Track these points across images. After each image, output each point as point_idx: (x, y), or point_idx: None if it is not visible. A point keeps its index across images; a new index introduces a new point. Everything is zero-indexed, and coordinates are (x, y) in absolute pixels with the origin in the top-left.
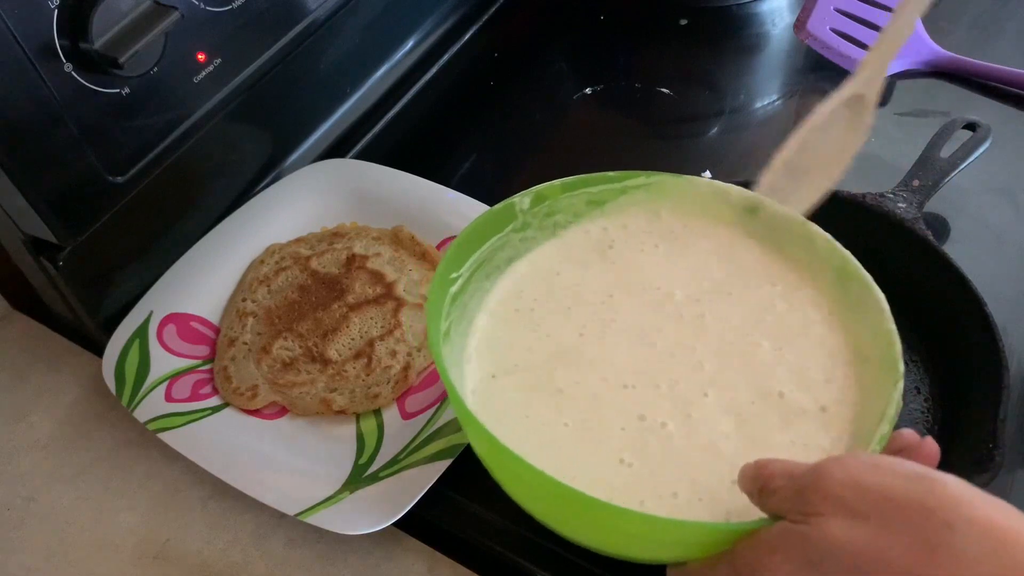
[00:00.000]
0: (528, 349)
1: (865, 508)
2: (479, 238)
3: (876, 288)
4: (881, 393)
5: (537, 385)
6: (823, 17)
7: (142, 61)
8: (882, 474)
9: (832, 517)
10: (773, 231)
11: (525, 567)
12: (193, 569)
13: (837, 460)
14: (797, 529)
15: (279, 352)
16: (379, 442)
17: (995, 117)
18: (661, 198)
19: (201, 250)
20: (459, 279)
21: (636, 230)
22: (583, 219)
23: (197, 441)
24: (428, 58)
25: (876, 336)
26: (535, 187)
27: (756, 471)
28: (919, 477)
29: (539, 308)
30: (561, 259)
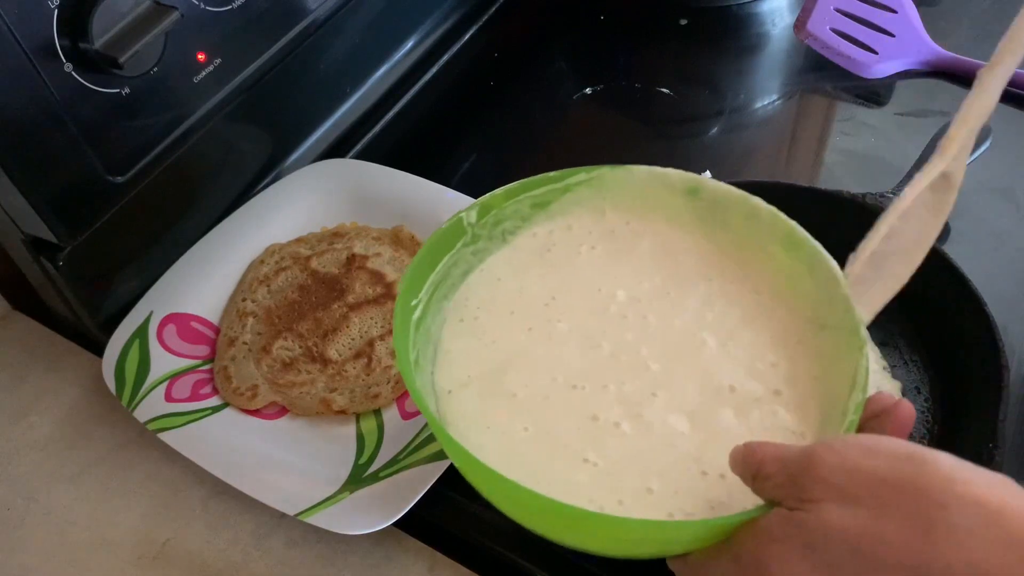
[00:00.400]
0: (478, 359)
1: (859, 492)
2: (432, 259)
3: (826, 254)
4: (847, 360)
5: (491, 393)
6: (823, 17)
7: (142, 61)
8: (874, 457)
9: (827, 503)
10: (716, 211)
11: (525, 567)
12: (193, 569)
13: (827, 445)
14: (794, 516)
15: (279, 352)
16: (379, 442)
17: (995, 117)
18: (604, 192)
19: (201, 250)
20: (419, 305)
21: (579, 230)
22: (531, 223)
23: (197, 441)
24: (428, 58)
25: (832, 303)
26: (479, 199)
27: (746, 455)
28: (910, 457)
29: (483, 316)
30: (504, 264)
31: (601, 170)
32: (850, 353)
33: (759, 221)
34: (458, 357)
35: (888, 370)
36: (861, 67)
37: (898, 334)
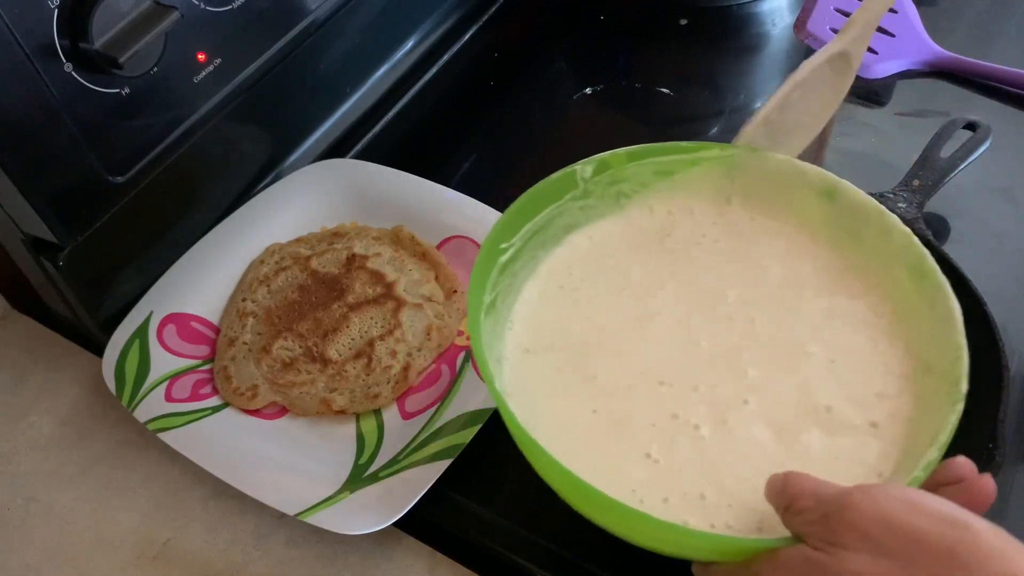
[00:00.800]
0: (566, 329)
1: (891, 547)
2: (535, 207)
3: (950, 293)
4: (938, 411)
5: (570, 367)
6: (823, 17)
7: (142, 61)
8: (915, 513)
9: (854, 552)
10: (847, 221)
11: (525, 567)
12: (193, 569)
13: (867, 492)
14: (817, 557)
15: (279, 352)
16: (379, 442)
17: (995, 117)
18: (734, 175)
19: (201, 250)
20: (511, 248)
21: (702, 217)
22: (649, 191)
23: (197, 441)
24: (428, 58)
25: (942, 347)
26: (598, 155)
27: (784, 486)
28: (954, 523)
29: (585, 288)
30: (619, 240)
31: (737, 150)
32: (944, 406)
33: (891, 241)
34: (548, 322)
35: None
36: (861, 67)
37: None
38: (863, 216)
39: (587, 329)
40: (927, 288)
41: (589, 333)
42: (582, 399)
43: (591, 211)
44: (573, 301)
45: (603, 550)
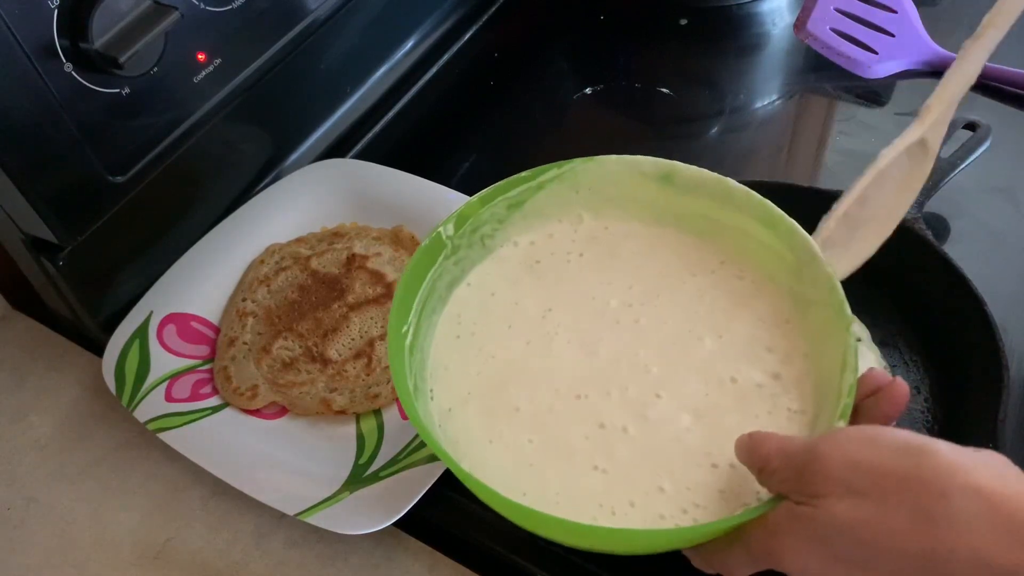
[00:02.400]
0: (477, 374)
1: (864, 486)
2: (417, 281)
3: (802, 232)
4: (835, 339)
5: (493, 408)
6: (823, 17)
7: (142, 61)
8: (877, 450)
9: (833, 497)
10: (690, 197)
11: (525, 567)
12: (193, 569)
13: (830, 440)
14: (802, 511)
15: (279, 352)
16: (379, 442)
17: (995, 117)
18: (578, 186)
19: (201, 250)
20: (409, 329)
21: (561, 238)
22: (508, 225)
23: (197, 441)
24: (428, 58)
25: (815, 281)
26: (455, 210)
27: (750, 447)
28: (912, 450)
29: (479, 331)
30: (495, 278)
31: (572, 163)
32: (838, 332)
33: (733, 201)
34: (456, 374)
35: (888, 370)
36: (861, 67)
37: (898, 334)
38: (703, 188)
39: (493, 367)
40: (782, 233)
41: (496, 370)
42: (514, 433)
43: (464, 263)
44: (471, 346)
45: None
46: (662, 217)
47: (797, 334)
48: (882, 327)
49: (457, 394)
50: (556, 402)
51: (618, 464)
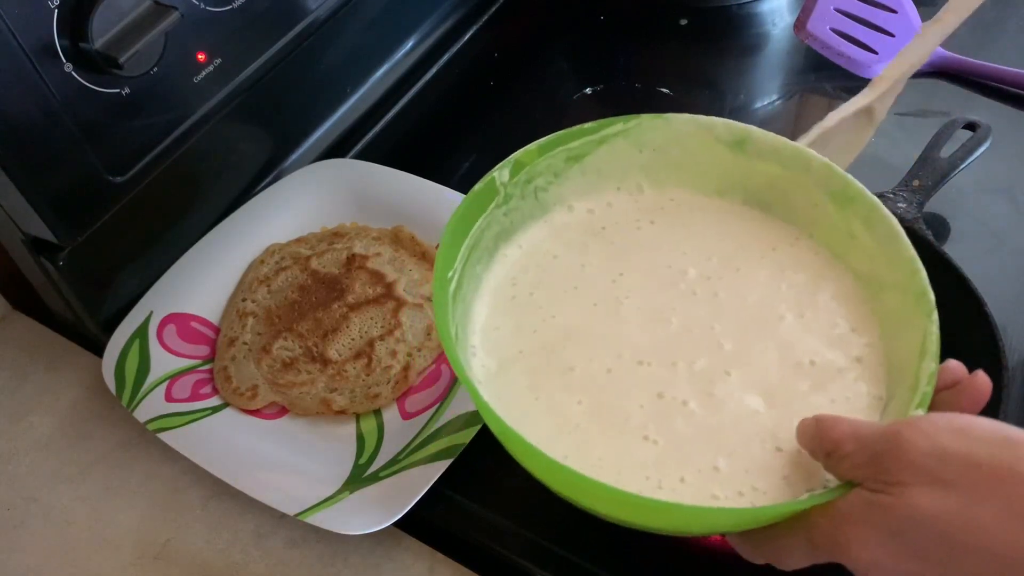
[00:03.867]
0: (533, 331)
1: (951, 476)
2: (466, 225)
3: (885, 210)
4: (912, 323)
5: (544, 366)
6: (823, 17)
7: (142, 61)
8: (966, 439)
9: (916, 487)
10: (763, 166)
11: (525, 567)
12: (193, 569)
13: (915, 426)
14: (878, 499)
15: (279, 352)
16: (379, 442)
17: (995, 117)
18: (642, 144)
19: (201, 250)
20: (455, 275)
21: (622, 207)
22: (563, 181)
23: (197, 441)
24: (428, 58)
25: (894, 262)
26: (512, 155)
27: (818, 431)
28: (1006, 442)
29: (539, 292)
30: (555, 243)
31: (640, 118)
32: (918, 317)
33: (811, 174)
34: (508, 334)
35: None
36: (861, 67)
37: None
38: (777, 157)
39: (552, 327)
40: (859, 211)
41: (555, 330)
42: (564, 394)
43: (514, 215)
44: (531, 305)
45: (603, 550)
46: (728, 188)
47: (874, 316)
48: None
49: (507, 352)
50: (616, 365)
51: (673, 437)
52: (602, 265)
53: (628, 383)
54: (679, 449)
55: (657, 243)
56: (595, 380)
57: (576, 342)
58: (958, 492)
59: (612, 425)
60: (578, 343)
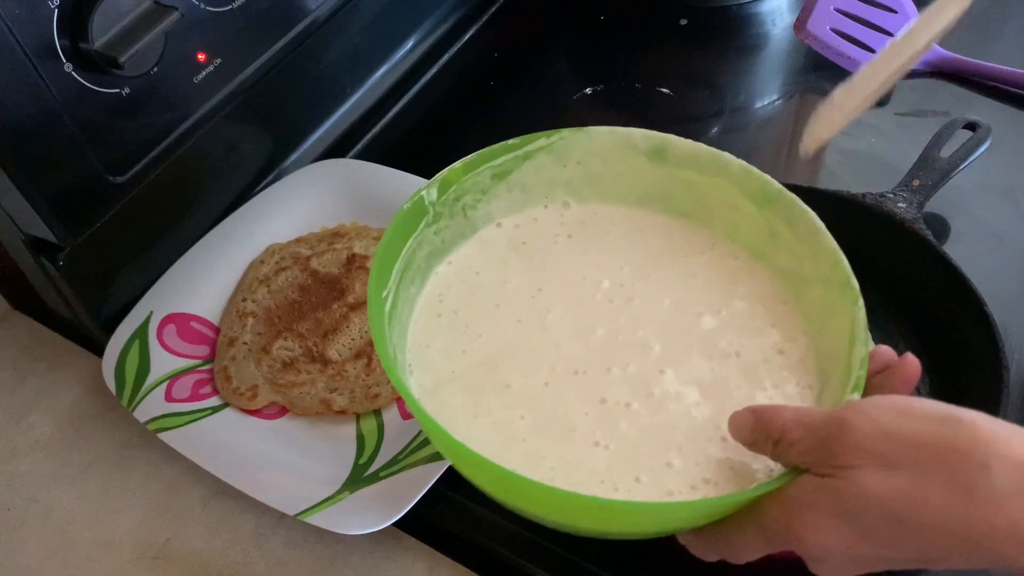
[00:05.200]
0: (463, 352)
1: (896, 457)
2: (398, 245)
3: (804, 206)
4: (841, 314)
5: (481, 385)
6: (823, 17)
7: (142, 61)
8: (910, 420)
9: (863, 469)
10: (683, 174)
11: (525, 567)
12: (193, 569)
13: (859, 409)
14: (827, 483)
15: (279, 352)
16: (379, 442)
17: (995, 117)
18: (565, 159)
19: (201, 250)
20: (389, 295)
21: (547, 222)
22: (491, 198)
23: (197, 441)
24: (428, 58)
25: (816, 256)
26: (438, 175)
27: (759, 422)
28: (947, 419)
29: (463, 310)
30: (479, 259)
31: (561, 133)
32: (844, 307)
33: (730, 178)
34: (439, 352)
35: None
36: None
37: (898, 334)
38: (695, 163)
39: (480, 345)
40: (780, 210)
41: (485, 349)
42: (505, 410)
43: (445, 233)
44: (455, 324)
45: (603, 550)
46: (649, 198)
47: (796, 312)
48: (882, 327)
49: (440, 373)
50: (552, 378)
51: (622, 440)
52: (522, 281)
53: (568, 393)
54: (632, 450)
55: (572, 256)
56: (534, 394)
57: (508, 359)
58: (904, 472)
59: (559, 436)
60: (510, 360)
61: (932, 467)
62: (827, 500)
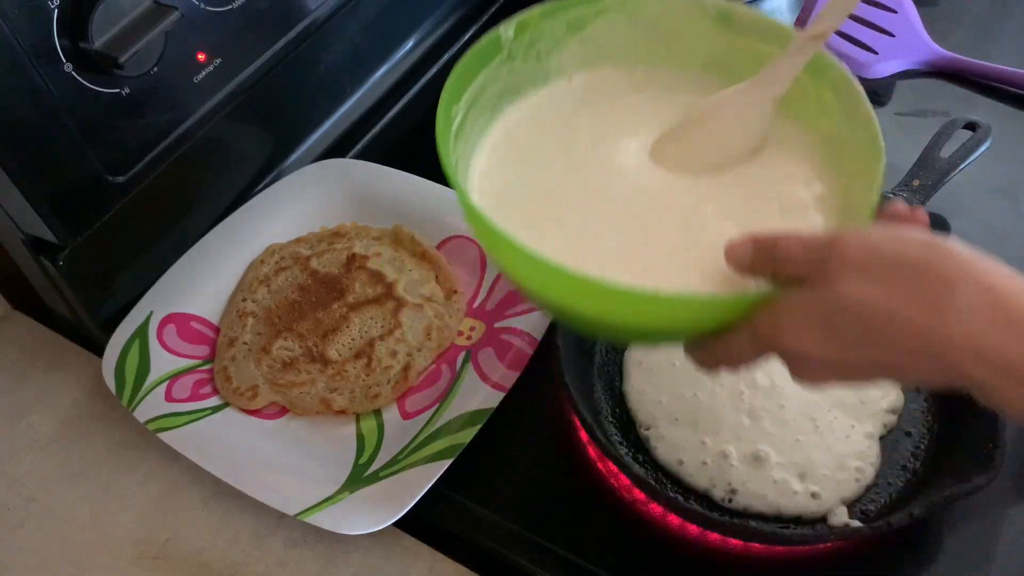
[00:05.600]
0: (521, 184)
1: (879, 270)
2: (472, 70)
3: (851, 77)
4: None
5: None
6: None
7: (142, 61)
8: (896, 242)
9: (845, 279)
10: (745, 38)
11: (525, 567)
12: (193, 569)
13: (853, 231)
14: (814, 292)
15: (279, 352)
16: (379, 442)
17: (995, 117)
18: (636, 18)
19: (201, 250)
20: (459, 115)
21: (616, 80)
22: (563, 48)
23: (197, 441)
24: (428, 58)
25: (854, 119)
26: (515, 16)
27: (758, 243)
28: (929, 243)
29: (527, 150)
30: (548, 106)
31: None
32: (873, 163)
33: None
34: (498, 183)
35: None
36: (861, 67)
37: None
38: (759, 31)
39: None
40: (829, 80)
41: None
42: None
43: (517, 76)
44: (519, 160)
45: (603, 550)
46: (713, 65)
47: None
48: None
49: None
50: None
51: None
52: (587, 130)
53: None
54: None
55: (637, 113)
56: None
57: (562, 194)
58: (880, 283)
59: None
60: (564, 195)
61: (907, 282)
62: (809, 307)
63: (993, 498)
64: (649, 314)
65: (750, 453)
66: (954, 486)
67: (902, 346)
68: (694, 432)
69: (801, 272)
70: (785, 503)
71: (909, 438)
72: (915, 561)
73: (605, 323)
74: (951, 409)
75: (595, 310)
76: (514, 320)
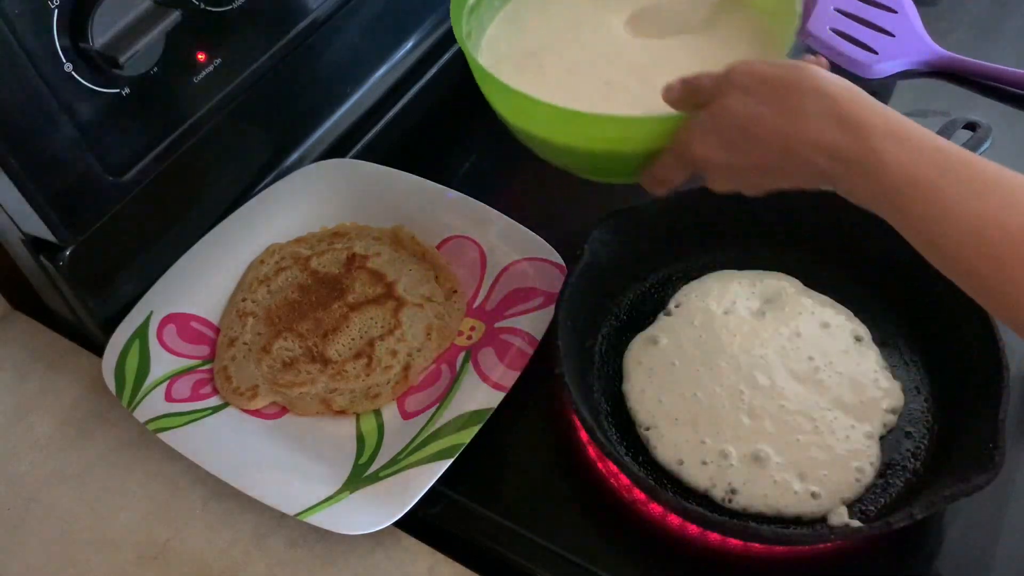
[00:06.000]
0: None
1: (755, 87)
2: None
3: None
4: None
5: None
6: (823, 17)
7: (142, 61)
8: (771, 66)
9: (730, 96)
10: None
11: (525, 567)
12: (193, 569)
13: (744, 61)
14: (711, 109)
15: (279, 352)
16: (379, 442)
17: (995, 117)
18: None
19: (201, 250)
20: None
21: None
22: None
23: (197, 441)
24: (428, 58)
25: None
26: None
27: (685, 82)
28: (796, 66)
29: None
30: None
31: None
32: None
33: None
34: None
35: (888, 370)
36: (861, 67)
37: (898, 334)
38: None
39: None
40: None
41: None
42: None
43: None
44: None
45: (603, 550)
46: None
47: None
48: (882, 327)
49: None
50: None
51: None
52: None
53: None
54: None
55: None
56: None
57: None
58: (753, 96)
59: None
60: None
61: (773, 94)
62: (707, 122)
63: (993, 498)
64: (605, 135)
65: (750, 453)
66: (954, 486)
67: (772, 145)
68: (694, 432)
69: (708, 98)
70: (785, 503)
71: (909, 438)
72: (915, 561)
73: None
74: (951, 409)
75: (566, 137)
76: (514, 320)
